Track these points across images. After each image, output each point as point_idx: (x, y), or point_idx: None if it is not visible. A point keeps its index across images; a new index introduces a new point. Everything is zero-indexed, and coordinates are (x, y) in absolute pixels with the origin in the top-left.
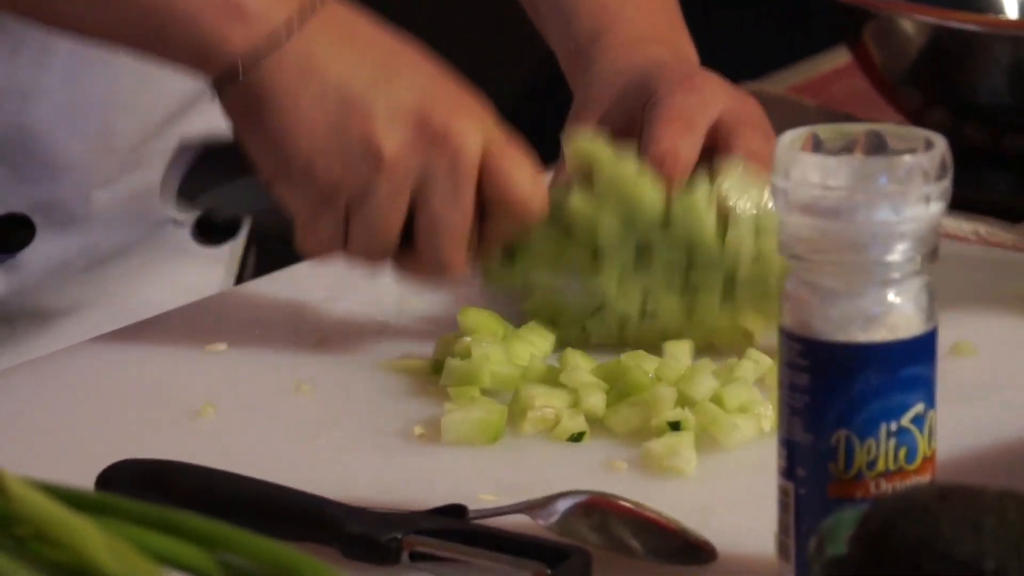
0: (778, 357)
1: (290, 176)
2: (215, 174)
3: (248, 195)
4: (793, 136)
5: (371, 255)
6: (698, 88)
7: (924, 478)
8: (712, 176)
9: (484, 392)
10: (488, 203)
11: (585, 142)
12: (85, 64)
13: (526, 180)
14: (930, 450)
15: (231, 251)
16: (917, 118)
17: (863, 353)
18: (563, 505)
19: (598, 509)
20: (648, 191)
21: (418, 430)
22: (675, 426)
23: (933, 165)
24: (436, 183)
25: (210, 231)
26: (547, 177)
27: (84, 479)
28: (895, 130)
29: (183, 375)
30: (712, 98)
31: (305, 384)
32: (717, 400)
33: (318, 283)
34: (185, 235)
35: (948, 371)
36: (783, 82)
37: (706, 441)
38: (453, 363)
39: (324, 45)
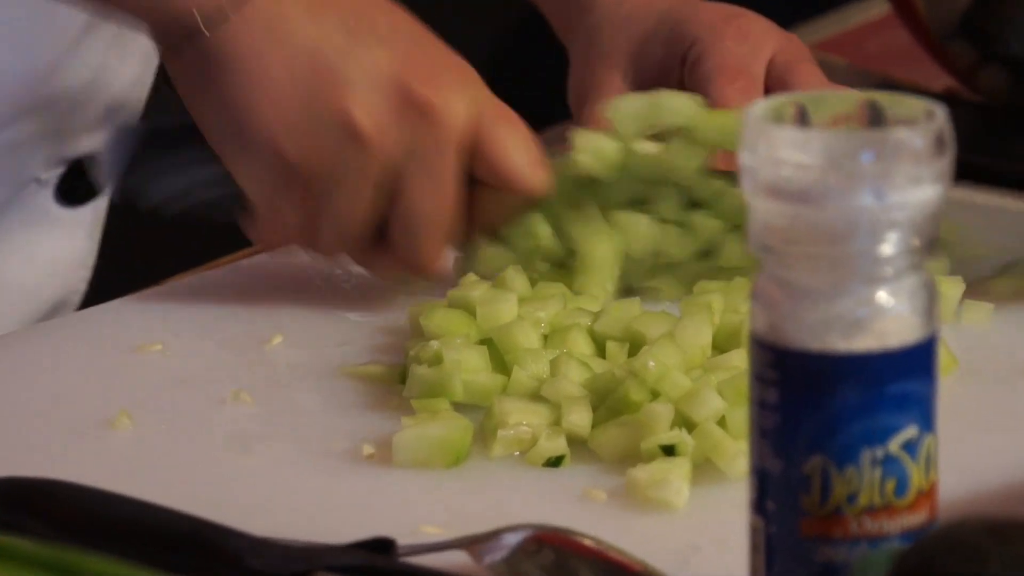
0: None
1: (251, 153)
2: (161, 160)
3: (199, 180)
4: (768, 106)
5: (338, 246)
6: (746, 33)
7: (919, 516)
8: None
9: (457, 406)
10: (480, 182)
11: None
12: None
13: (523, 153)
14: (927, 483)
15: (94, 213)
16: (968, 78)
17: (841, 365)
18: (509, 540)
19: (550, 546)
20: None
21: (367, 449)
22: (669, 451)
23: (926, 141)
24: (417, 163)
25: (74, 190)
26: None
27: None
28: (895, 100)
29: (101, 378)
30: (762, 43)
31: (245, 392)
32: (723, 423)
33: (272, 273)
34: (47, 196)
35: (1014, 391)
36: (810, 36)
37: (705, 469)
38: (419, 371)
39: (294, 4)
